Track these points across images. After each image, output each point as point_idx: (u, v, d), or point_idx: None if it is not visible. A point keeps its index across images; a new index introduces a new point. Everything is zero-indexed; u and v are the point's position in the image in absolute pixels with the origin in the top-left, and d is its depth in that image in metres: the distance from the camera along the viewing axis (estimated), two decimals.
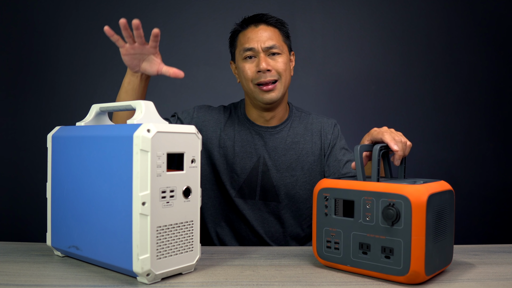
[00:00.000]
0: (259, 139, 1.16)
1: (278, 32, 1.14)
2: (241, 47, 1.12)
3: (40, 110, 2.16)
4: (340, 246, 0.72)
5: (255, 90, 1.11)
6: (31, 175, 2.15)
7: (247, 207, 1.16)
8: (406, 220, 0.64)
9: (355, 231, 0.70)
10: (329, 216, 0.73)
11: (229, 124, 1.18)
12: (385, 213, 0.65)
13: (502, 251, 0.89)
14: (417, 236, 0.63)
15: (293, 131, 1.19)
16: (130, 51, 0.96)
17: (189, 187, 0.69)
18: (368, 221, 0.68)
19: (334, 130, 1.21)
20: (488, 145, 2.29)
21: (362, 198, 0.69)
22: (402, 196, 0.64)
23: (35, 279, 0.67)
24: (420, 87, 2.27)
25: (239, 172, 1.15)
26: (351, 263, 0.70)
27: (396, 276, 0.65)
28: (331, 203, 0.73)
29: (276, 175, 1.15)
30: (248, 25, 1.13)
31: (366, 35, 2.26)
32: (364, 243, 0.69)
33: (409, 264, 0.64)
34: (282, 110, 1.18)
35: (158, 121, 0.70)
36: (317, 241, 0.75)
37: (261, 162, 1.15)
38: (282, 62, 1.11)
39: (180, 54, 2.18)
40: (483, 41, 2.29)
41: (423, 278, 0.65)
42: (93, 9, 2.18)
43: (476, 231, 2.26)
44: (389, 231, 0.66)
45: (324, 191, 0.74)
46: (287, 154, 1.16)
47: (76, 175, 0.73)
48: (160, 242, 0.64)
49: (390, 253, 0.65)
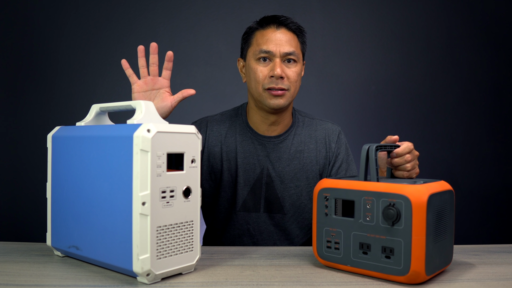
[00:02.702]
0: (262, 150, 1.12)
1: (297, 39, 1.09)
2: (257, 47, 1.06)
3: (40, 110, 2.16)
4: (340, 246, 0.72)
5: (264, 94, 1.06)
6: (31, 175, 2.15)
7: (251, 220, 1.13)
8: (407, 220, 0.64)
9: (355, 231, 0.70)
10: (329, 216, 0.73)
11: (230, 135, 1.13)
12: (385, 213, 0.65)
13: (502, 251, 0.89)
14: (418, 236, 0.63)
15: (297, 138, 1.15)
16: (143, 87, 0.94)
17: (189, 187, 0.69)
18: (369, 221, 0.68)
19: (339, 138, 1.17)
20: (488, 145, 2.29)
21: (362, 198, 0.69)
22: (403, 196, 0.64)
23: (35, 279, 0.67)
24: (420, 87, 2.27)
25: (242, 185, 1.11)
26: (351, 263, 0.70)
27: (397, 276, 0.65)
28: (331, 203, 0.73)
29: (281, 186, 1.12)
30: (268, 25, 1.07)
31: (366, 35, 2.26)
32: (364, 243, 0.69)
33: (409, 264, 0.63)
34: (287, 117, 1.14)
35: (158, 121, 0.70)
36: (317, 241, 0.75)
37: (265, 174, 1.11)
38: (296, 72, 1.06)
39: (180, 54, 2.18)
40: (483, 41, 2.29)
41: (423, 278, 0.65)
42: (93, 9, 2.18)
43: (476, 231, 2.27)
44: (389, 231, 0.66)
45: (324, 191, 0.74)
46: (291, 164, 1.12)
47: (76, 175, 0.73)
48: (160, 242, 0.64)
49: (390, 253, 0.65)
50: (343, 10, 2.26)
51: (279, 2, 2.23)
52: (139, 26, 2.19)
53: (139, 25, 2.19)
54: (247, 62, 1.11)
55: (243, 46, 1.14)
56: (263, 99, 1.06)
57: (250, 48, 1.10)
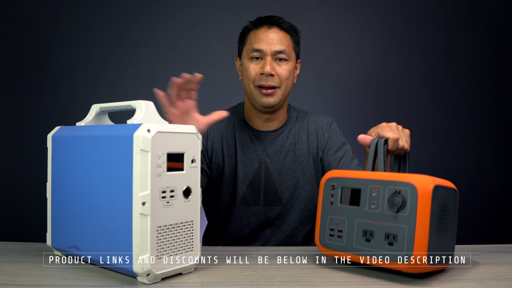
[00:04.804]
0: (259, 145, 1.15)
1: (290, 38, 1.13)
2: (250, 46, 1.11)
3: (40, 110, 2.16)
4: (343, 234, 0.72)
5: (254, 91, 1.10)
6: (31, 175, 2.15)
7: (251, 213, 1.15)
8: (412, 207, 0.64)
9: (360, 218, 0.70)
10: (335, 204, 0.74)
11: (230, 131, 1.17)
12: (391, 200, 0.66)
13: (502, 251, 0.89)
14: (422, 223, 0.64)
15: (292, 132, 1.18)
16: (176, 113, 0.90)
17: (189, 187, 0.69)
18: (374, 208, 0.69)
19: (331, 128, 1.21)
20: (488, 145, 2.29)
21: (369, 186, 0.70)
22: (409, 184, 0.65)
23: (35, 279, 0.67)
24: (420, 87, 2.27)
25: (242, 179, 1.14)
26: (353, 250, 0.70)
27: (398, 263, 0.65)
28: (338, 192, 0.74)
29: (278, 179, 1.15)
30: (261, 25, 1.12)
31: (366, 35, 2.26)
32: (367, 230, 0.69)
33: (411, 251, 0.64)
34: (282, 114, 1.18)
35: (158, 121, 0.70)
36: (321, 230, 0.75)
37: (263, 167, 1.14)
38: (287, 70, 1.10)
39: (180, 54, 2.18)
40: (483, 41, 2.29)
41: (424, 267, 0.64)
42: (93, 9, 2.18)
43: (476, 231, 2.26)
44: (394, 218, 0.66)
45: (331, 181, 0.75)
46: (287, 157, 1.16)
47: (76, 175, 0.73)
48: (160, 242, 0.64)
49: (393, 239, 0.66)
50: (343, 10, 2.26)
51: (279, 2, 2.23)
52: (139, 26, 2.19)
53: (139, 25, 2.19)
54: (242, 61, 1.15)
55: (239, 45, 1.18)
56: (255, 97, 1.11)
57: (244, 48, 1.14)
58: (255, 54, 1.09)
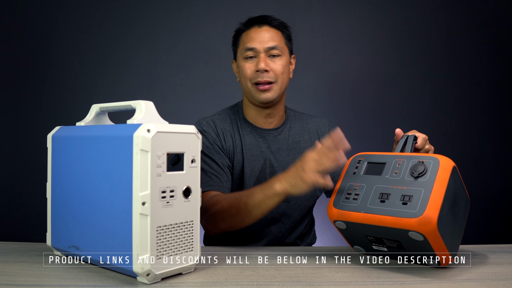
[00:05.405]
0: (263, 142, 1.17)
1: (281, 34, 1.16)
2: (243, 46, 1.14)
3: (40, 110, 2.16)
4: (359, 197, 0.74)
5: (252, 89, 1.13)
6: (31, 175, 2.15)
7: None
8: (432, 174, 0.69)
9: (379, 184, 0.74)
10: (357, 174, 0.78)
11: (235, 130, 1.19)
12: (413, 167, 0.71)
13: (502, 251, 0.89)
14: (439, 187, 0.68)
15: (293, 131, 1.21)
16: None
17: (189, 187, 0.69)
18: (395, 176, 0.73)
19: (330, 128, 1.26)
20: (488, 145, 2.29)
21: (394, 160, 0.75)
22: (433, 157, 0.72)
23: (35, 279, 0.67)
24: (420, 87, 2.27)
25: (249, 176, 1.15)
26: (365, 209, 0.72)
27: (408, 219, 0.66)
28: (363, 165, 0.78)
29: None
30: (251, 25, 1.15)
31: (366, 35, 2.26)
32: (384, 193, 0.72)
33: (424, 208, 0.66)
34: (281, 109, 1.20)
35: (158, 121, 0.70)
36: (337, 195, 0.78)
37: (268, 164, 1.16)
38: (281, 65, 1.13)
39: (180, 54, 2.18)
40: (483, 41, 2.29)
41: (433, 226, 0.65)
42: (93, 9, 2.18)
43: (476, 231, 2.26)
44: (412, 183, 0.70)
45: (359, 157, 0.80)
46: (290, 154, 1.18)
47: (76, 175, 0.73)
48: (160, 242, 0.64)
49: (408, 200, 0.69)
50: (343, 10, 2.26)
51: (279, 2, 2.23)
52: (139, 26, 2.19)
53: (139, 25, 2.19)
54: (237, 62, 1.18)
55: (233, 48, 1.21)
56: (253, 94, 1.13)
57: (238, 49, 1.17)
58: (249, 53, 1.12)
